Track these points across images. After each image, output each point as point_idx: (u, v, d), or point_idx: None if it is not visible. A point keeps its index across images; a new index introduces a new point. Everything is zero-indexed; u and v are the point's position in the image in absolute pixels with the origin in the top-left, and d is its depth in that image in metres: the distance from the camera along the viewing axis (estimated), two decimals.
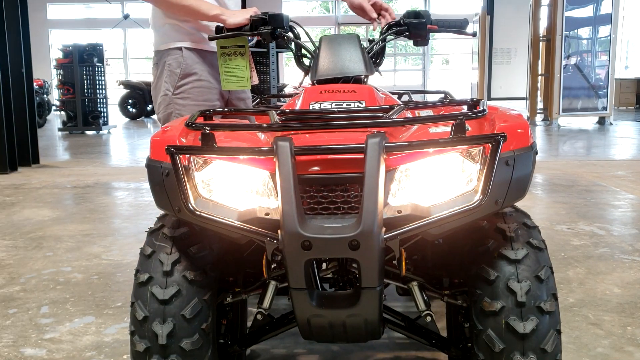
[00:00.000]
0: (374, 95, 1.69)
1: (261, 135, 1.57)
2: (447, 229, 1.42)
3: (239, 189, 1.45)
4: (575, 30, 11.06)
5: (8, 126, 6.89)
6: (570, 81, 11.06)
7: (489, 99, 15.54)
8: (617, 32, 11.78)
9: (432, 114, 2.03)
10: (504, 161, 1.38)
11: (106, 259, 3.48)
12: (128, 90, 15.21)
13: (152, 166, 1.52)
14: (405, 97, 2.64)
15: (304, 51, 2.00)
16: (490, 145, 1.32)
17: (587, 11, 11.08)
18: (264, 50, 6.89)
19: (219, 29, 2.14)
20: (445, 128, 1.40)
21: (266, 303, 1.56)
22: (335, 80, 1.78)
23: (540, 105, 12.09)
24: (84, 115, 11.64)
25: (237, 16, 2.13)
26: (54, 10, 21.22)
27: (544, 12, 11.64)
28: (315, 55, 1.84)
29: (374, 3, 2.29)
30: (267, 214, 1.37)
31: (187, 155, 1.42)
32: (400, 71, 22.12)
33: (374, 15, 2.26)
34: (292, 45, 2.04)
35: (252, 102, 2.68)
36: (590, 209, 4.57)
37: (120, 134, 11.96)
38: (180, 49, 2.33)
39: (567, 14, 10.82)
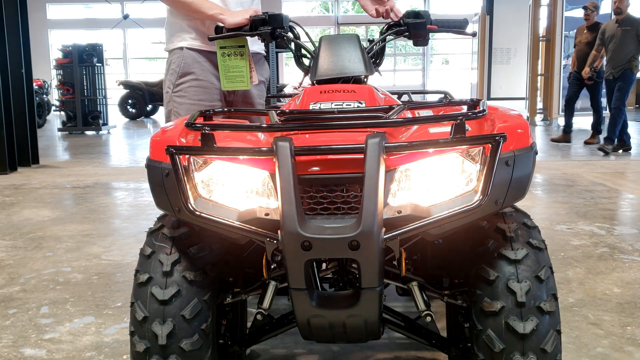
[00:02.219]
0: (373, 95, 1.69)
1: (261, 135, 1.57)
2: (447, 229, 1.42)
3: (238, 189, 1.45)
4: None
5: (8, 126, 6.89)
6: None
7: (489, 99, 15.54)
8: None
9: (432, 114, 2.03)
10: (504, 161, 1.39)
11: (106, 259, 3.48)
12: (128, 91, 15.21)
13: (152, 166, 1.52)
14: (405, 97, 2.64)
15: (303, 51, 2.00)
16: (490, 146, 1.32)
17: None
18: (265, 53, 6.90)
19: (218, 29, 2.15)
20: (445, 128, 1.40)
21: (266, 303, 1.56)
22: (335, 80, 1.78)
23: (540, 105, 12.09)
24: (84, 115, 11.64)
25: (237, 16, 2.13)
26: (53, 11, 21.22)
27: (543, 12, 11.66)
28: (315, 56, 1.84)
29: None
30: (267, 214, 1.37)
31: (186, 156, 1.42)
32: (400, 71, 22.11)
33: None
34: (292, 46, 2.04)
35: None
36: (590, 209, 4.57)
37: (120, 134, 11.96)
38: (181, 48, 2.36)
39: (566, 13, 10.84)
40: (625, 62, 7.52)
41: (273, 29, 2.01)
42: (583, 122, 11.73)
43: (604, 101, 8.87)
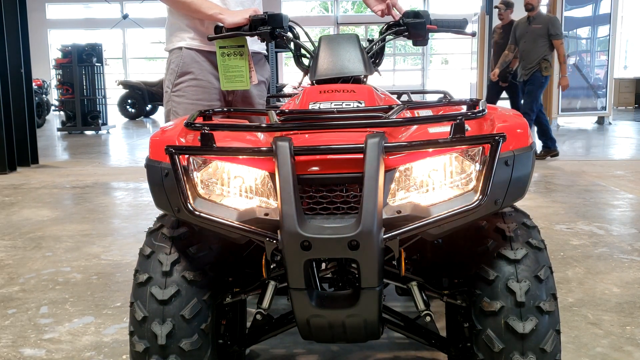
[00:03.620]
0: (373, 95, 1.69)
1: (260, 135, 1.57)
2: (446, 229, 1.42)
3: (238, 189, 1.45)
4: (575, 30, 11.06)
5: (7, 126, 6.88)
6: (569, 81, 11.05)
7: None
8: (616, 31, 11.77)
9: (431, 114, 2.03)
10: (504, 161, 1.39)
11: (105, 259, 3.48)
12: (127, 90, 15.20)
13: (152, 166, 1.52)
14: (404, 97, 2.64)
15: (303, 51, 2.00)
16: (490, 146, 1.32)
17: (586, 11, 11.09)
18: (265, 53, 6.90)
19: (218, 29, 2.15)
20: (445, 128, 1.40)
21: (265, 303, 1.57)
22: (335, 80, 1.78)
23: None
24: (83, 115, 11.63)
25: (236, 16, 2.13)
26: (53, 10, 21.20)
27: (543, 12, 11.64)
28: (314, 55, 1.84)
29: None
30: (266, 214, 1.37)
31: (186, 156, 1.42)
32: (399, 71, 22.10)
33: None
34: (292, 45, 2.04)
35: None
36: (590, 209, 4.57)
37: (120, 134, 11.95)
38: (180, 48, 2.37)
39: (566, 13, 10.82)
40: (535, 63, 6.84)
41: (272, 28, 2.01)
42: (582, 121, 11.75)
43: None
